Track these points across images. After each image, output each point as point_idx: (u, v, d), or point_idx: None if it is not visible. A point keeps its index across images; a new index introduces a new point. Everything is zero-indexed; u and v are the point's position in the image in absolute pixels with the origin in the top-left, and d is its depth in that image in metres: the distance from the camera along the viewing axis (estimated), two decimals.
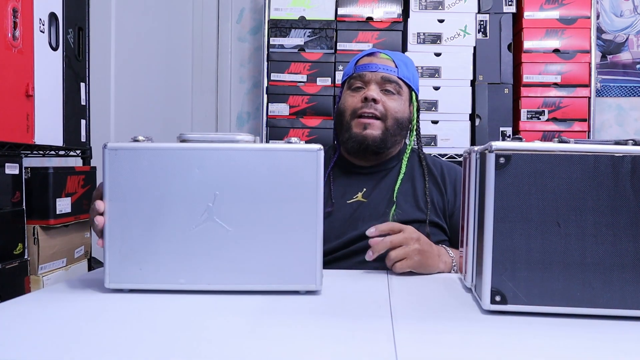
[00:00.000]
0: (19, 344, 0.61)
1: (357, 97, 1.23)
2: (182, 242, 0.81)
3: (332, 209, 1.22)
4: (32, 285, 1.72)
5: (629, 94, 2.57)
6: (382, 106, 1.21)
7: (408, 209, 1.20)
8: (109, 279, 0.81)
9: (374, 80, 1.22)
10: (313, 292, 0.83)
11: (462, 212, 0.92)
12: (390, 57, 1.26)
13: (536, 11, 2.24)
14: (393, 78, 1.23)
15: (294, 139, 0.82)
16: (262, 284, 0.82)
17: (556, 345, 0.63)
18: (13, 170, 1.61)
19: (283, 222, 0.81)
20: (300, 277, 0.82)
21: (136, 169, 0.80)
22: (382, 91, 1.23)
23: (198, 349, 0.59)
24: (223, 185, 0.80)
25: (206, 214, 0.80)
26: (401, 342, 0.61)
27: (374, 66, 1.23)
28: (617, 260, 0.71)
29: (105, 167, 0.80)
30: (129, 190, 0.80)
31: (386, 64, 1.24)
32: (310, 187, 0.81)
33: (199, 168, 0.80)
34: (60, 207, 1.80)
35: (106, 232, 0.80)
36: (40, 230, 1.74)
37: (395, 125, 1.22)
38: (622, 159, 0.71)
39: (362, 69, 1.24)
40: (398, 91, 1.23)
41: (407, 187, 1.24)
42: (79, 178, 1.91)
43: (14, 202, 1.66)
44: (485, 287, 0.73)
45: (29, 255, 1.73)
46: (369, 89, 1.22)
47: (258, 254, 0.81)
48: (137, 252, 0.80)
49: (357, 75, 1.24)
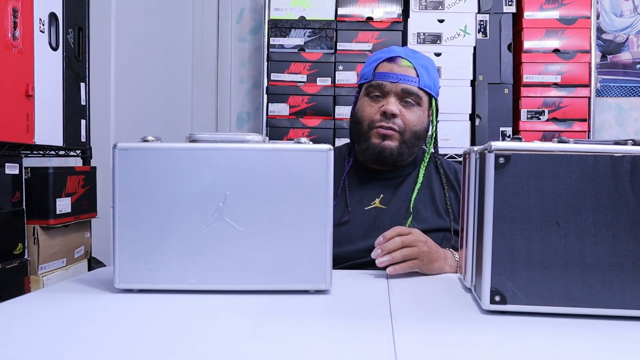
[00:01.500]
0: (19, 344, 0.61)
1: (375, 107, 1.19)
2: (193, 242, 0.81)
3: (350, 217, 1.20)
4: (32, 285, 1.72)
5: (629, 94, 2.57)
6: (400, 120, 1.17)
7: (429, 216, 1.19)
8: (119, 279, 0.81)
9: (394, 91, 1.18)
10: (322, 291, 0.84)
11: (461, 212, 0.92)
12: (411, 63, 1.19)
13: (536, 11, 2.24)
14: (414, 90, 1.18)
15: (303, 139, 0.83)
16: (271, 283, 0.82)
17: (556, 345, 0.63)
18: (13, 170, 1.61)
19: (293, 221, 0.82)
20: (310, 276, 0.83)
21: (146, 169, 0.80)
22: (402, 102, 1.18)
23: (198, 348, 0.59)
24: (233, 185, 0.81)
25: (216, 213, 0.81)
26: (401, 342, 0.61)
27: (395, 76, 1.17)
28: (617, 260, 0.71)
29: (115, 167, 0.80)
30: (139, 191, 0.80)
31: (407, 74, 1.18)
32: (320, 187, 0.82)
33: (209, 168, 0.80)
34: (60, 207, 1.80)
35: (116, 232, 0.81)
36: (40, 230, 1.74)
37: (412, 138, 1.20)
38: (621, 159, 0.71)
39: (382, 77, 1.19)
40: (418, 102, 1.19)
41: (426, 195, 1.23)
42: (79, 178, 1.91)
43: (14, 202, 1.66)
44: (484, 287, 0.73)
45: (29, 255, 1.73)
46: (388, 102, 1.17)
47: (268, 253, 0.82)
48: (148, 252, 0.81)
49: (377, 85, 1.19)
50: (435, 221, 1.19)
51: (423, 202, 1.21)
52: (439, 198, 1.22)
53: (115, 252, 0.81)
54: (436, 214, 1.20)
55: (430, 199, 1.22)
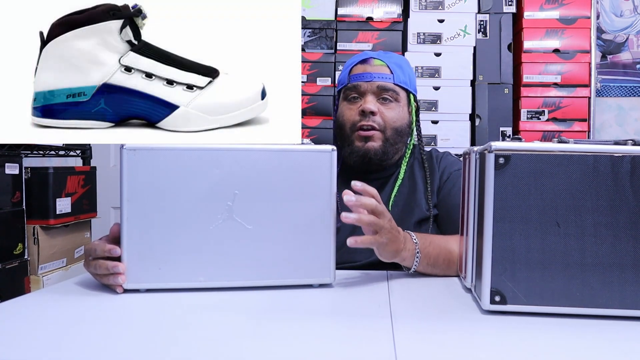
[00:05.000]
0: (19, 344, 0.61)
1: (354, 109, 1.22)
2: (202, 241, 0.82)
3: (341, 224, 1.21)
4: (32, 285, 1.72)
5: (629, 94, 2.57)
6: (380, 117, 1.20)
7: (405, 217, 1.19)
8: (127, 279, 0.81)
9: (370, 90, 1.20)
10: (327, 285, 0.87)
11: (461, 212, 0.92)
12: (384, 62, 1.23)
13: (536, 11, 2.24)
14: (389, 86, 1.20)
15: (306, 140, 0.87)
16: (278, 279, 0.85)
17: (556, 345, 0.63)
18: (13, 170, 1.61)
19: (299, 219, 0.84)
20: (315, 271, 0.86)
21: (154, 169, 0.80)
22: (379, 100, 1.21)
23: (202, 346, 0.59)
24: (241, 185, 0.82)
25: (226, 212, 0.82)
26: (401, 342, 0.61)
27: (369, 75, 1.21)
28: (617, 260, 0.71)
29: (122, 167, 0.80)
30: (147, 191, 0.81)
31: (381, 72, 1.21)
32: (325, 186, 0.85)
33: (218, 168, 0.81)
34: (60, 207, 1.80)
35: (124, 233, 0.81)
36: (40, 230, 1.74)
37: (395, 135, 1.21)
38: (621, 159, 0.71)
39: (356, 79, 1.22)
40: (395, 98, 1.21)
41: (408, 190, 1.24)
42: (79, 178, 1.91)
43: (14, 202, 1.66)
44: (484, 288, 0.73)
45: (29, 255, 1.73)
46: (365, 100, 1.20)
47: (275, 250, 0.84)
48: (157, 252, 0.81)
49: (352, 86, 1.22)
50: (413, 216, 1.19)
51: (405, 196, 1.22)
52: (420, 190, 1.23)
53: (123, 253, 0.81)
54: (416, 206, 1.20)
55: (412, 191, 1.23)
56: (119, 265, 0.80)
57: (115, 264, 0.80)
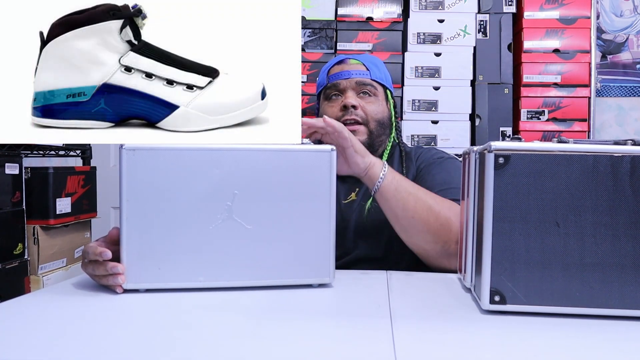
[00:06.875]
0: (19, 344, 0.61)
1: (335, 106, 1.26)
2: (202, 241, 0.82)
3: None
4: (32, 285, 1.72)
5: (629, 94, 2.57)
6: (361, 111, 1.24)
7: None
8: (127, 279, 0.81)
9: (349, 86, 1.26)
10: (326, 285, 0.87)
11: (461, 212, 0.92)
12: (360, 61, 1.28)
13: (536, 11, 2.25)
14: (367, 81, 1.26)
15: (306, 140, 0.87)
16: (278, 278, 0.85)
17: (555, 345, 0.63)
18: (13, 170, 1.61)
19: (299, 219, 0.84)
20: (314, 271, 0.86)
21: (154, 169, 0.80)
22: (359, 95, 1.26)
23: (202, 345, 0.60)
24: (241, 185, 0.82)
25: (225, 212, 0.82)
26: (400, 342, 0.61)
27: (347, 73, 1.26)
28: (616, 260, 0.71)
29: (122, 167, 0.80)
30: (147, 191, 0.80)
31: (358, 69, 1.27)
32: (324, 185, 0.85)
33: (218, 168, 0.81)
34: (60, 207, 1.80)
35: (123, 232, 0.81)
36: (40, 230, 1.75)
37: (378, 127, 1.26)
38: (621, 159, 0.71)
39: (335, 77, 1.27)
40: (374, 93, 1.27)
41: None
42: (79, 178, 1.91)
43: (14, 202, 1.66)
44: (484, 287, 0.73)
45: (29, 255, 1.73)
46: (346, 96, 1.25)
47: (275, 250, 0.84)
48: (156, 252, 0.81)
49: (332, 85, 1.27)
50: None
51: None
52: None
53: (122, 253, 0.81)
54: None
55: None
56: (117, 265, 0.80)
57: (114, 265, 0.80)
